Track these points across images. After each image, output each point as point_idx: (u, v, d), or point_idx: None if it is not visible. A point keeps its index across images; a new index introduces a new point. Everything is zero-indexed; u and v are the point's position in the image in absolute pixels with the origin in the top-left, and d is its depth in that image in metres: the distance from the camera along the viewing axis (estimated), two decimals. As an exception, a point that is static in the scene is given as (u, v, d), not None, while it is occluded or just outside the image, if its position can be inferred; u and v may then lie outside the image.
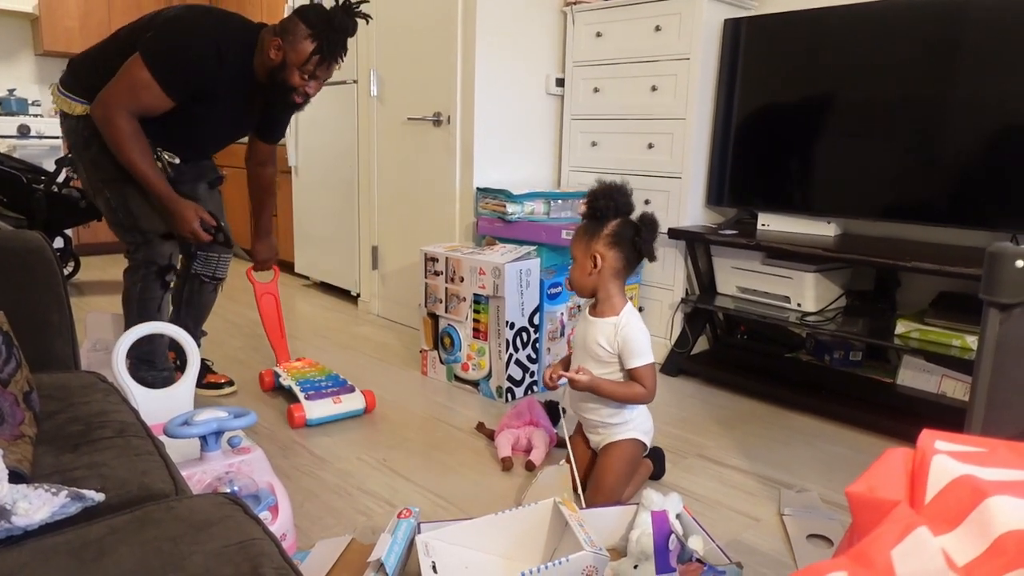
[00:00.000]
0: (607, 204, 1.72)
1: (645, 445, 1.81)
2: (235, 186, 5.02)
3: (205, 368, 2.51)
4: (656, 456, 1.95)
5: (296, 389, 2.27)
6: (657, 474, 1.94)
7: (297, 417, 2.17)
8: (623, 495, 1.75)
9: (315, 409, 2.19)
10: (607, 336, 1.74)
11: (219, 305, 3.70)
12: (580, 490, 1.74)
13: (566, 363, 1.88)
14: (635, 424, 1.79)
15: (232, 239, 2.34)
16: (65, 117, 2.13)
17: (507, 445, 2.04)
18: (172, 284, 2.22)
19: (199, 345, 2.49)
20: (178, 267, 2.22)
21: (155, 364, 2.21)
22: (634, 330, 1.73)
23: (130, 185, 2.07)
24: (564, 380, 1.76)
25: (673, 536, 1.45)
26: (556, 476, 1.75)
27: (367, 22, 2.10)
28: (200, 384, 2.45)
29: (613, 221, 1.74)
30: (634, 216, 1.77)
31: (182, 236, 2.13)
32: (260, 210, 2.58)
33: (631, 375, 1.74)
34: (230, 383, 2.51)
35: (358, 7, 2.05)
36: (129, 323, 2.15)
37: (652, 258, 1.77)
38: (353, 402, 2.26)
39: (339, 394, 2.26)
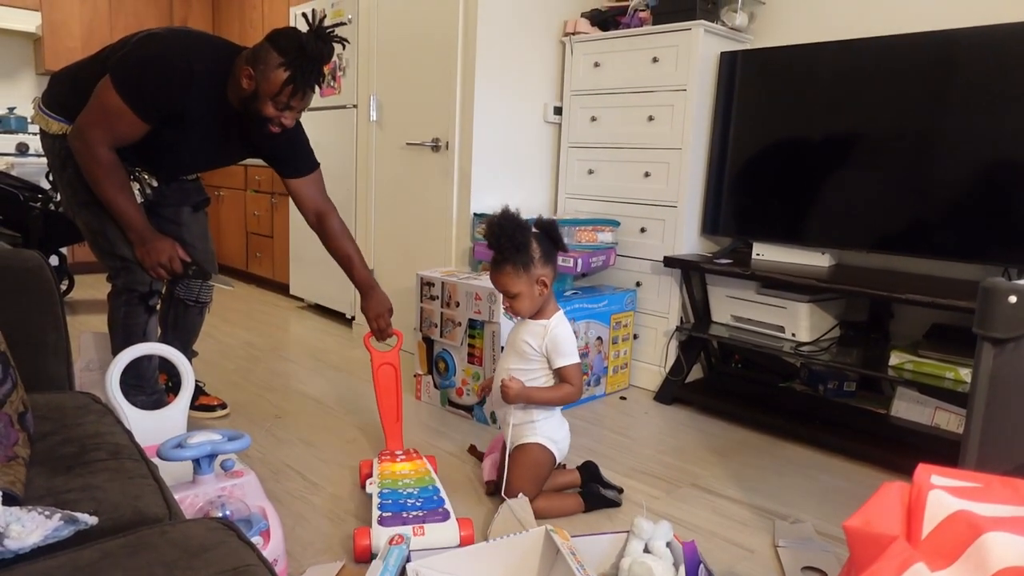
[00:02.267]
0: (523, 232, 1.79)
1: (551, 453, 1.87)
2: (230, 206, 5.04)
3: (198, 390, 2.49)
4: (590, 491, 1.92)
5: (374, 503, 1.72)
6: (592, 505, 1.90)
7: (359, 547, 1.59)
8: (532, 497, 1.79)
9: (386, 540, 1.57)
10: (535, 336, 1.86)
11: (213, 326, 3.70)
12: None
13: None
14: (540, 429, 1.87)
15: (209, 270, 2.23)
16: (43, 135, 2.07)
17: (492, 469, 2.04)
18: (157, 307, 2.17)
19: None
20: (162, 291, 2.16)
21: (144, 389, 2.17)
22: (563, 332, 1.86)
23: (106, 212, 2.00)
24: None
25: (702, 567, 1.45)
26: (517, 509, 1.75)
27: (343, 47, 1.96)
28: (192, 406, 2.42)
29: (532, 242, 1.82)
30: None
31: (150, 267, 2.02)
32: (347, 264, 2.29)
33: (559, 374, 1.86)
34: (223, 406, 2.49)
35: (332, 31, 1.90)
36: (115, 347, 2.09)
37: (566, 250, 1.91)
38: (440, 535, 1.62)
39: (424, 521, 1.63)
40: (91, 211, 2.02)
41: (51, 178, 3.83)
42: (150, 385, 2.21)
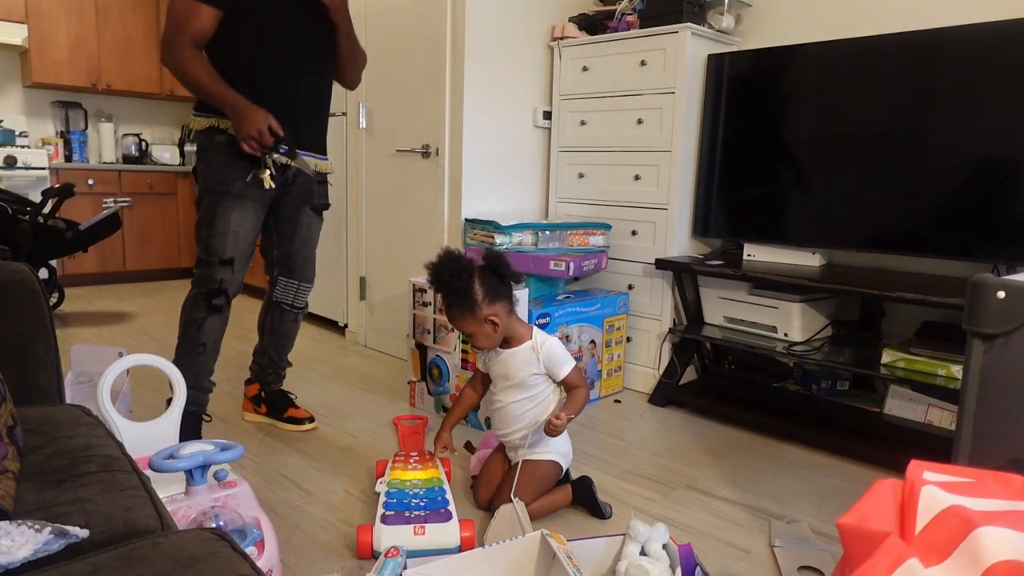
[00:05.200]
0: (458, 277, 1.77)
1: (561, 467, 1.91)
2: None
3: (288, 402, 2.50)
4: (583, 487, 1.93)
5: (380, 501, 1.77)
6: (579, 501, 1.92)
7: (361, 543, 1.65)
8: (529, 503, 1.80)
9: (387, 537, 1.63)
10: (530, 363, 1.86)
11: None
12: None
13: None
14: (554, 445, 1.88)
15: (295, 151, 2.18)
16: (194, 134, 2.19)
17: (478, 464, 2.05)
18: (222, 310, 2.18)
19: (283, 376, 2.54)
20: (230, 294, 2.18)
21: (185, 379, 2.15)
22: (553, 345, 1.87)
23: (224, 203, 2.10)
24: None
25: (699, 568, 1.45)
26: (512, 513, 1.75)
27: None
28: (281, 418, 2.46)
29: (474, 283, 1.79)
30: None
31: (243, 139, 2.03)
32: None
33: (565, 382, 1.87)
34: (311, 419, 2.48)
35: None
36: (178, 333, 2.20)
37: (519, 280, 1.89)
38: (441, 535, 1.66)
39: (426, 521, 1.68)
40: (207, 199, 2.12)
41: (56, 188, 3.85)
42: (192, 378, 2.15)
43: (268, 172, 2.10)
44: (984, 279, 1.15)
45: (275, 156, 2.10)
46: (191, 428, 2.17)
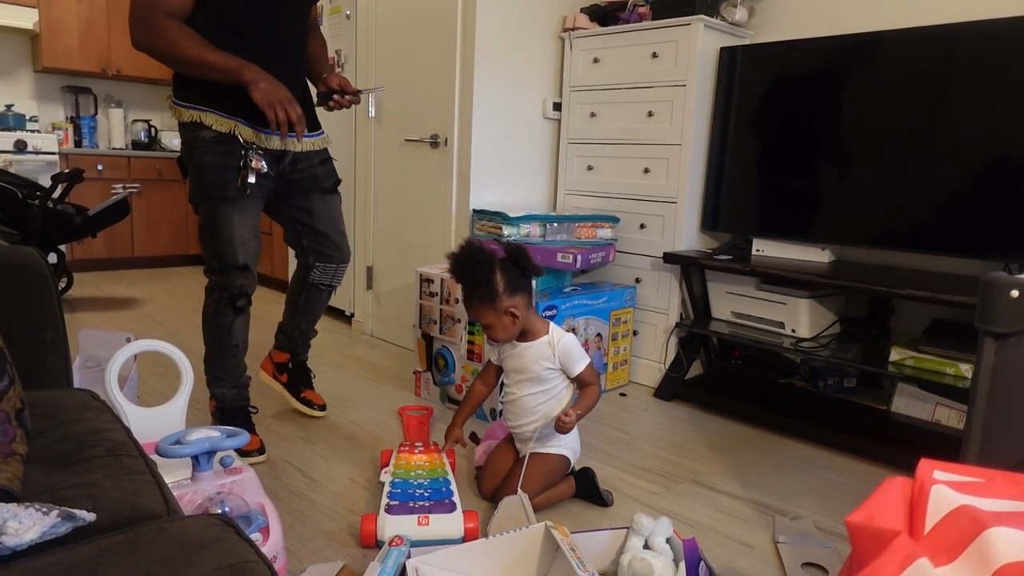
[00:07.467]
0: (480, 267, 1.78)
1: (569, 462, 1.92)
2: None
3: (308, 382, 2.50)
4: (585, 479, 1.94)
5: (384, 491, 1.77)
6: (581, 494, 1.93)
7: (364, 532, 1.65)
8: (534, 496, 1.80)
9: (391, 527, 1.64)
10: (546, 357, 1.86)
11: (212, 323, 3.70)
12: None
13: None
14: (565, 441, 1.90)
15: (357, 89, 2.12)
16: (179, 125, 2.04)
17: (483, 455, 2.06)
18: (246, 309, 2.12)
19: (308, 346, 2.50)
20: (251, 295, 2.11)
21: (225, 382, 2.16)
22: (569, 341, 1.88)
23: (224, 208, 1.97)
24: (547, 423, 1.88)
25: (703, 563, 1.45)
26: (516, 505, 1.75)
27: None
28: (298, 396, 2.45)
29: (495, 274, 1.80)
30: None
31: (268, 106, 1.84)
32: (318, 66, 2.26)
33: (578, 379, 1.88)
34: (322, 407, 2.47)
35: None
36: (205, 338, 2.14)
37: (540, 274, 1.90)
38: (445, 526, 1.66)
39: (430, 512, 1.68)
40: (207, 205, 1.99)
41: (67, 173, 3.85)
42: (232, 379, 2.17)
43: (252, 172, 1.98)
44: (997, 277, 1.13)
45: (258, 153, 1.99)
46: (241, 421, 2.15)
